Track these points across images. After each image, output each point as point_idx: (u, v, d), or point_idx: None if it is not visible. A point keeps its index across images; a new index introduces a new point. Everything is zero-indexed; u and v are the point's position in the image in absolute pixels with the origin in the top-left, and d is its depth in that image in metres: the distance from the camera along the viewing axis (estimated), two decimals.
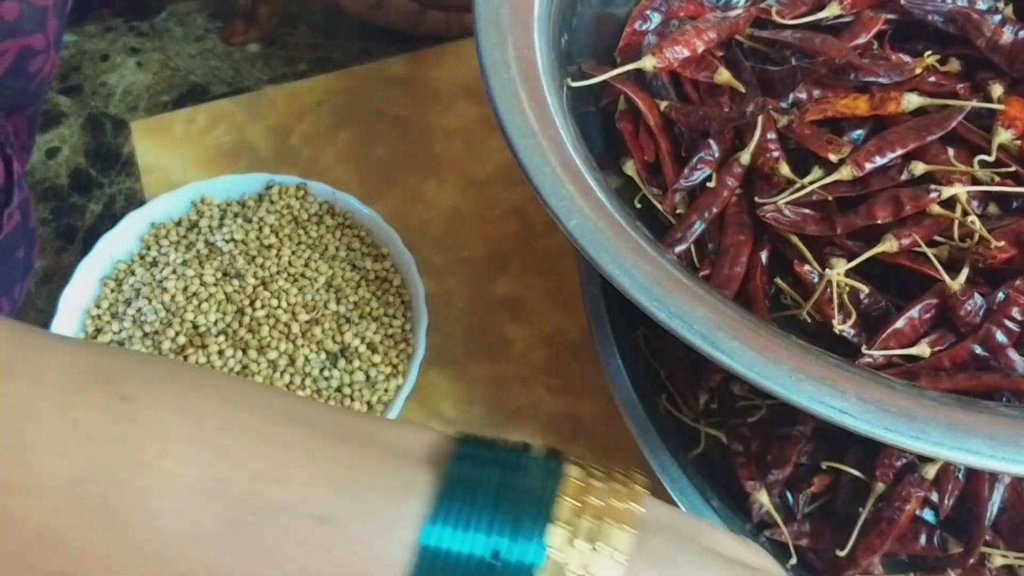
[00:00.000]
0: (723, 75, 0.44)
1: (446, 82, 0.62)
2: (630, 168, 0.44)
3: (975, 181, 0.40)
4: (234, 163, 0.59)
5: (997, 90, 0.42)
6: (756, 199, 0.42)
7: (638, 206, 0.43)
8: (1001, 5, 0.46)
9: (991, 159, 0.40)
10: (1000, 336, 0.37)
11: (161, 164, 0.59)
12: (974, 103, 0.41)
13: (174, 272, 0.50)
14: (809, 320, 0.40)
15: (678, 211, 0.43)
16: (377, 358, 0.48)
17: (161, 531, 0.23)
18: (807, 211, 0.41)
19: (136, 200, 0.57)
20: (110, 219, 0.55)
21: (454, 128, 0.60)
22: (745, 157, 0.42)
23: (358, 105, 0.61)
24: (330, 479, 0.24)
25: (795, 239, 0.41)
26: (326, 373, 0.48)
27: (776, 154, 0.42)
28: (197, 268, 0.50)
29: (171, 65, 0.63)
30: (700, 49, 0.43)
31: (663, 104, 0.44)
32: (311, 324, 0.48)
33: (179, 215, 0.52)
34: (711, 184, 0.43)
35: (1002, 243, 0.38)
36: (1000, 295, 0.38)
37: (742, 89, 0.44)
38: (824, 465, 0.42)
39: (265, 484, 0.24)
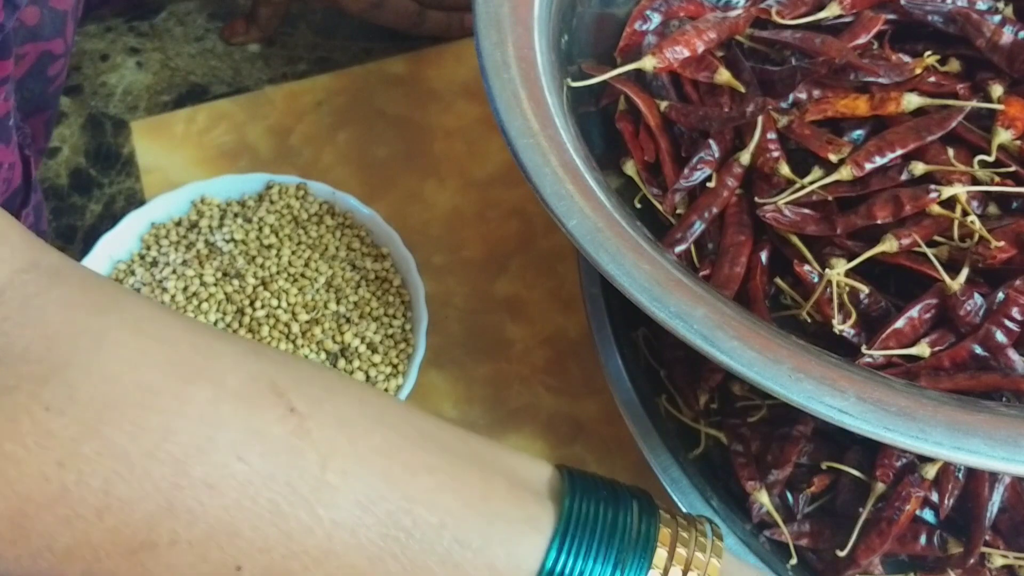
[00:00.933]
0: (723, 75, 0.44)
1: (446, 82, 0.62)
2: (630, 168, 0.44)
3: (975, 181, 0.40)
4: (234, 163, 0.59)
5: (997, 90, 0.42)
6: (756, 199, 0.42)
7: (638, 206, 0.43)
8: (1001, 5, 0.46)
9: (991, 159, 0.40)
10: (1000, 336, 0.37)
11: (161, 164, 0.59)
12: (974, 103, 0.41)
13: (174, 272, 0.50)
14: (809, 320, 0.40)
15: (678, 211, 0.43)
16: (377, 358, 0.48)
17: (324, 537, 0.27)
18: (807, 211, 0.41)
19: (136, 200, 0.57)
20: (110, 219, 0.56)
21: (454, 128, 0.60)
22: (745, 157, 0.42)
23: (358, 105, 0.61)
24: (469, 506, 0.28)
25: (795, 239, 0.41)
26: None
27: (776, 154, 0.42)
28: (197, 268, 0.50)
29: (171, 65, 0.63)
30: (700, 49, 0.43)
31: (663, 104, 0.44)
32: (311, 324, 0.48)
33: (179, 215, 0.52)
34: (711, 184, 0.43)
35: (1002, 243, 0.38)
36: (1000, 295, 0.38)
37: (742, 89, 0.44)
38: (824, 465, 0.42)
39: (416, 505, 0.27)
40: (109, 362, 0.27)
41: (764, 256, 0.42)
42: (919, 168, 0.40)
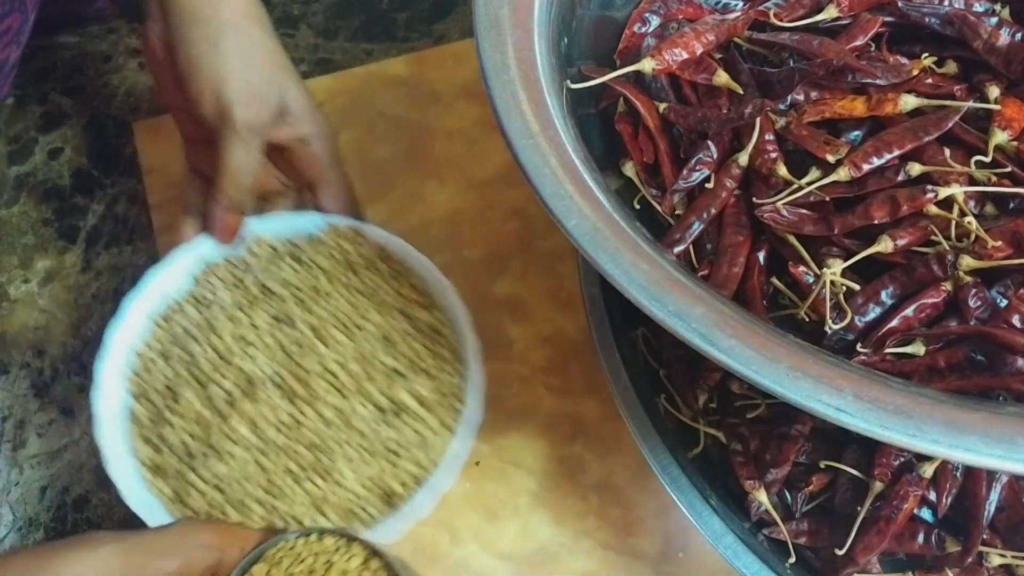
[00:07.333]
0: (721, 77, 0.44)
1: (447, 83, 0.62)
2: (629, 169, 0.44)
3: (972, 181, 0.40)
4: None
5: (994, 91, 0.42)
6: (754, 200, 0.42)
7: (637, 207, 0.44)
8: (998, 7, 0.46)
9: (988, 160, 0.40)
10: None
11: (163, 165, 0.59)
12: (971, 104, 0.42)
13: (225, 313, 0.47)
14: (807, 319, 0.40)
15: (677, 212, 0.43)
16: (427, 414, 0.45)
17: None
18: (805, 212, 0.41)
19: (138, 201, 0.58)
20: (112, 219, 0.56)
21: (455, 129, 0.61)
22: (743, 158, 0.42)
23: (359, 106, 0.61)
24: None
25: (793, 239, 0.41)
26: (375, 426, 0.44)
27: (774, 155, 0.42)
28: (249, 311, 0.47)
29: None
30: (699, 51, 0.44)
31: (662, 106, 0.44)
32: (362, 377, 0.45)
33: (232, 254, 0.49)
34: (709, 185, 0.43)
35: (999, 242, 0.38)
36: (1003, 302, 0.38)
37: (740, 91, 0.44)
38: (822, 464, 0.43)
39: None
40: None
41: (762, 256, 0.42)
42: (916, 169, 0.40)
